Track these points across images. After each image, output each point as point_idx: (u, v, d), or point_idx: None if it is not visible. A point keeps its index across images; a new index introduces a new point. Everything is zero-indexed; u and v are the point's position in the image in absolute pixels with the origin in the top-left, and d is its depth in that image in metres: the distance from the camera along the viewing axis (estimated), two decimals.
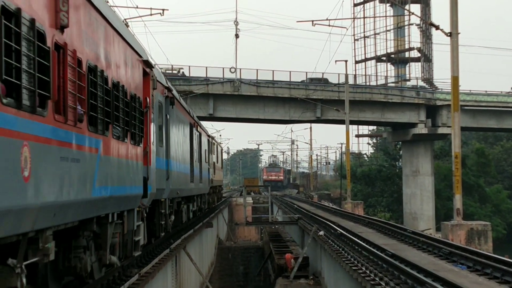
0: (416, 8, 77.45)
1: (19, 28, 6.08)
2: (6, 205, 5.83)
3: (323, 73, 59.62)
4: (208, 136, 34.37)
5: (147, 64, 13.15)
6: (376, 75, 76.60)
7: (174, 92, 19.09)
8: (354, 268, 16.09)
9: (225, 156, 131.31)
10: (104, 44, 9.62)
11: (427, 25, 69.34)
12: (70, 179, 7.73)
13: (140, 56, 12.55)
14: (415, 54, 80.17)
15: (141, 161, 12.36)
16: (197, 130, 25.78)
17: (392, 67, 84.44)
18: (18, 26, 6.06)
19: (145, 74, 13.16)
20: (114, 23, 10.26)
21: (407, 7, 74.40)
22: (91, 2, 8.85)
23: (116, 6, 34.35)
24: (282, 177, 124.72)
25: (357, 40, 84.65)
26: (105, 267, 10.72)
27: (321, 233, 24.65)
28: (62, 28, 7.42)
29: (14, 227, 6.23)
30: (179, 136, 19.61)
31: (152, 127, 13.88)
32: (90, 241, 9.58)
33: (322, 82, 59.42)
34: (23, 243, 6.74)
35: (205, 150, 29.80)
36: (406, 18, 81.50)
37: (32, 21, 6.41)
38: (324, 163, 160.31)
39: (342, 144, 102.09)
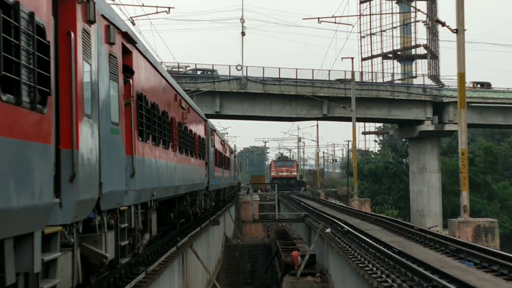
0: (422, 5, 77.46)
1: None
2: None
3: (329, 71, 59.53)
4: (238, 158, 71.97)
5: (232, 151, 44.23)
6: (383, 72, 76.56)
7: (233, 149, 51.50)
8: (361, 265, 16.08)
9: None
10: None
11: (433, 22, 69.15)
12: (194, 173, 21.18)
13: (233, 152, 46.79)
14: (421, 51, 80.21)
15: (230, 176, 42.49)
16: (236, 158, 55.46)
17: (399, 64, 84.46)
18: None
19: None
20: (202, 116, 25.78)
21: (413, 4, 74.44)
22: (194, 109, 19.21)
23: (122, 4, 34.47)
24: (295, 173, 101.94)
25: (364, 37, 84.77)
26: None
27: (328, 230, 24.67)
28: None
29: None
30: (233, 164, 47.23)
31: (232, 164, 46.57)
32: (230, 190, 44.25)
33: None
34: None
35: (236, 164, 57.80)
36: (412, 15, 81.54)
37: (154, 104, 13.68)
38: (331, 161, 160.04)
39: (348, 141, 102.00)
